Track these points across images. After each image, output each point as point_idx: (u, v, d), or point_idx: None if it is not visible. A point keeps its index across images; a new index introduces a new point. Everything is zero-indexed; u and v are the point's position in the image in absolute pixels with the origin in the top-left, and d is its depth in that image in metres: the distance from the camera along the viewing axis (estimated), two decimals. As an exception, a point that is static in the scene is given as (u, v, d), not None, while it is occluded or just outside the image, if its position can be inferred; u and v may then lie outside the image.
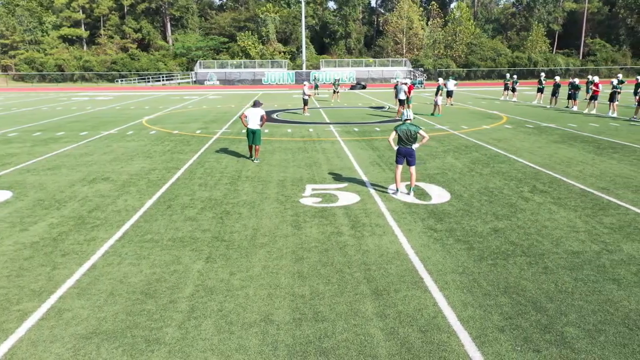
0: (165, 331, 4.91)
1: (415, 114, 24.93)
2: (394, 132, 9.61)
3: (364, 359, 4.43)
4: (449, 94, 29.79)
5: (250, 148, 13.69)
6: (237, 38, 74.02)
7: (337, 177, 11.42)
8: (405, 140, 9.47)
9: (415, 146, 9.54)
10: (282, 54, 73.81)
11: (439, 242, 7.24)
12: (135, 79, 67.43)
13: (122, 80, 67.24)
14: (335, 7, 79.64)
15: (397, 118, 23.08)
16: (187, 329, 4.94)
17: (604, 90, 30.06)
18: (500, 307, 5.33)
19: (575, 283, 5.89)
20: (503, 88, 35.04)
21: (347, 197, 9.69)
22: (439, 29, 74.63)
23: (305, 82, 26.18)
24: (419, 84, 52.35)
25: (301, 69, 66.21)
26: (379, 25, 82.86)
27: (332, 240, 7.39)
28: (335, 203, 9.33)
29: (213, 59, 72.19)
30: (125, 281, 6.05)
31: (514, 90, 33.50)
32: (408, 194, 9.81)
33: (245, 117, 13.37)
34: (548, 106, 28.52)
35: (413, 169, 9.76)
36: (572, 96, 26.67)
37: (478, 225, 7.99)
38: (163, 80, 66.19)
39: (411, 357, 4.46)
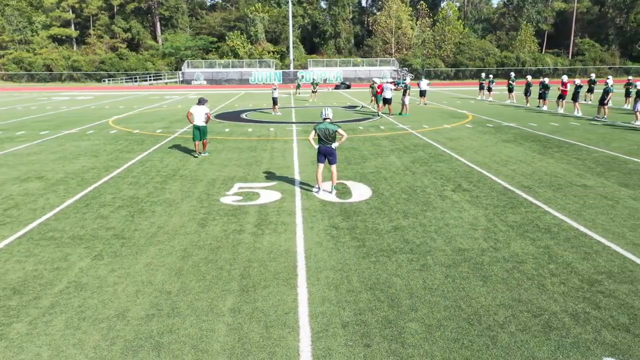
0: (13, 327, 4.96)
1: (384, 113, 25.03)
2: (313, 132, 9.67)
3: (195, 354, 4.49)
4: (422, 93, 29.91)
5: (196, 144, 14.02)
6: (226, 38, 74.06)
7: (271, 176, 11.48)
8: (324, 139, 9.53)
9: (334, 145, 9.60)
10: (271, 53, 73.83)
11: (334, 240, 7.30)
12: (122, 79, 67.43)
13: (109, 80, 67.24)
14: (325, 6, 79.63)
15: (378, 115, 23.19)
16: (36, 325, 4.99)
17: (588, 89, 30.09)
18: (357, 303, 5.39)
19: (445, 280, 5.95)
20: (478, 88, 35.10)
21: (269, 196, 9.75)
22: (428, 28, 74.70)
23: (274, 82, 26.20)
24: (402, 83, 52.33)
25: (289, 69, 66.24)
26: (369, 25, 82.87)
27: (230, 238, 7.45)
28: (254, 201, 9.39)
29: (202, 58, 72.22)
30: (2, 278, 6.10)
31: (489, 90, 33.60)
32: (330, 192, 9.87)
33: (191, 114, 13.73)
34: (526, 105, 28.58)
35: (334, 167, 9.82)
36: (542, 95, 26.75)
37: (382, 223, 8.05)
38: (150, 80, 66.19)
39: (243, 352, 4.52)
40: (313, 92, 34.26)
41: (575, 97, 23.58)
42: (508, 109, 26.95)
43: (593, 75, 30.05)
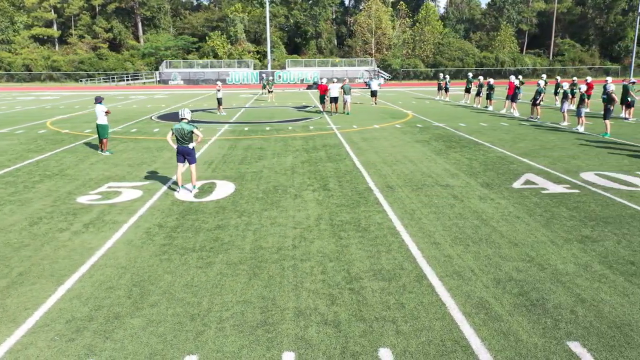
0: None
1: (327, 112, 25.17)
2: (170, 132, 9.81)
3: None
4: (373, 93, 30.05)
5: (99, 142, 14.32)
6: (206, 38, 74.16)
7: (151, 176, 11.59)
8: (181, 140, 9.66)
9: (191, 145, 9.73)
10: (252, 53, 73.91)
11: (145, 239, 7.42)
12: (100, 79, 67.48)
13: (86, 80, 67.29)
14: (307, 7, 79.65)
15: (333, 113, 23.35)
16: None
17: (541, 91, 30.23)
18: (106, 299, 5.52)
19: (215, 276, 6.09)
20: (437, 88, 35.26)
21: (128, 195, 9.88)
22: (408, 29, 74.85)
23: (218, 82, 26.33)
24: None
25: (266, 69, 66.36)
26: (351, 25, 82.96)
27: (48, 236, 7.57)
28: (109, 200, 9.51)
29: (183, 59, 72.29)
30: None
31: (446, 90, 33.78)
32: (190, 191, 9.99)
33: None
34: (475, 105, 28.73)
35: (193, 167, 9.95)
36: (488, 96, 26.90)
37: (211, 222, 8.17)
38: (128, 80, 66.25)
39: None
40: (269, 92, 34.36)
41: (513, 98, 23.71)
42: (454, 109, 27.08)
43: (544, 77, 30.29)
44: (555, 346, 4.55)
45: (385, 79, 65.85)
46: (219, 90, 25.32)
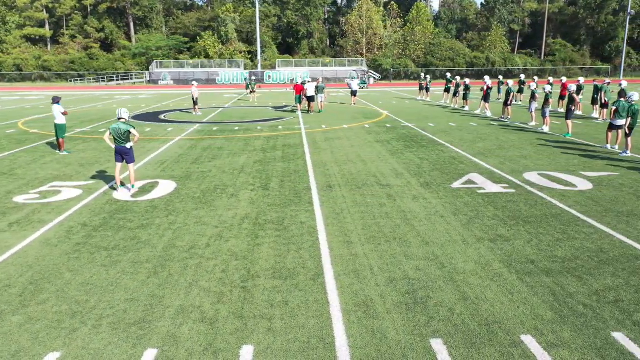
0: None
1: (303, 110, 25.23)
2: (107, 131, 9.86)
3: None
4: (354, 93, 30.11)
5: (57, 142, 14.44)
6: (197, 38, 74.19)
7: (97, 176, 11.65)
8: (118, 139, 9.71)
9: (129, 145, 9.79)
10: (244, 53, 73.93)
11: (54, 239, 7.47)
12: (91, 79, 67.50)
13: (76, 80, 67.32)
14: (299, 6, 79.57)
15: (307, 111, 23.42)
16: None
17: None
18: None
19: (99, 272, 6.15)
20: (418, 88, 35.30)
21: (67, 194, 9.93)
22: (399, 29, 74.91)
23: (194, 82, 26.38)
24: (362, 83, 52.55)
25: (256, 69, 66.42)
26: (343, 25, 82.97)
27: (-32, 235, 7.62)
28: (45, 199, 9.56)
29: (175, 59, 72.28)
30: None
31: (427, 90, 33.85)
32: (129, 190, 10.05)
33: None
34: (453, 105, 28.78)
35: (131, 166, 10.01)
36: (464, 96, 26.97)
37: (135, 221, 8.23)
38: (118, 80, 66.27)
39: None
40: (251, 92, 34.41)
41: (486, 98, 23.77)
42: (431, 110, 27.13)
43: (523, 76, 30.44)
44: (417, 343, 4.61)
45: (375, 79, 65.92)
46: (194, 90, 25.33)
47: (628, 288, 5.67)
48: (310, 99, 25.82)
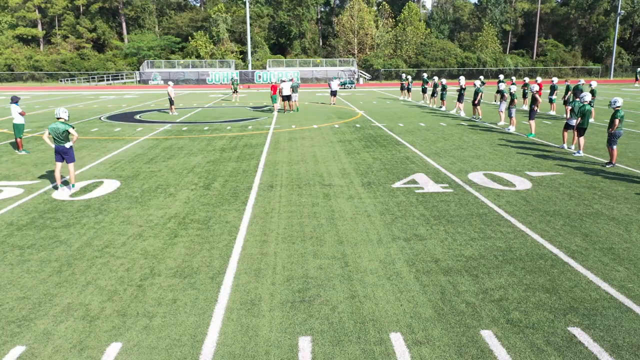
0: None
1: (280, 110, 25.27)
2: (46, 131, 9.91)
3: None
4: (333, 93, 30.15)
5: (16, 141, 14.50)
6: (189, 38, 74.24)
7: (46, 175, 11.69)
8: (57, 139, 9.76)
9: (68, 144, 9.83)
10: (236, 53, 73.96)
11: (-15, 236, 7.52)
12: (81, 79, 67.53)
13: (66, 80, 67.35)
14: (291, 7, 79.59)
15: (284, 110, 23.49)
16: None
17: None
18: None
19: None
20: (400, 88, 35.32)
21: (7, 193, 9.98)
22: (390, 29, 74.97)
23: (170, 82, 26.41)
24: (349, 83, 52.60)
25: (247, 69, 66.48)
26: (335, 25, 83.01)
27: None
28: (-17, 199, 9.60)
29: (167, 59, 72.29)
30: None
31: (409, 90, 33.90)
32: (69, 190, 10.09)
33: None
34: (431, 105, 28.83)
35: (71, 166, 10.05)
36: (441, 97, 27.01)
37: (62, 220, 8.28)
38: (109, 80, 66.31)
39: None
40: (234, 92, 34.44)
41: (460, 99, 23.82)
42: (407, 110, 27.16)
43: (501, 76, 30.46)
44: (285, 341, 4.66)
45: (365, 79, 66.01)
46: (170, 90, 25.36)
47: (517, 287, 5.72)
48: (287, 98, 25.92)
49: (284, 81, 26.23)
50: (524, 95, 26.99)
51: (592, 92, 20.28)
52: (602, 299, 5.40)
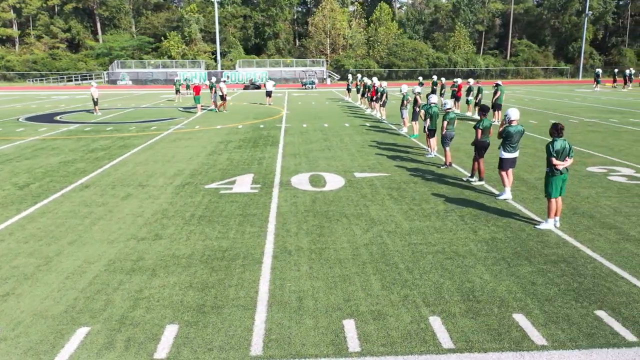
0: None
1: (211, 110, 25.41)
2: None
3: None
4: (268, 94, 30.33)
5: None
6: (162, 38, 74.33)
7: None
8: None
9: None
10: (209, 54, 74.09)
11: None
12: (50, 79, 67.61)
13: (34, 80, 67.49)
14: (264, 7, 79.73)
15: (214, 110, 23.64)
16: None
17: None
18: None
19: None
20: (346, 89, 35.44)
21: None
22: (362, 29, 75.16)
23: (93, 83, 26.53)
24: (310, 84, 52.71)
25: (216, 69, 66.63)
26: (309, 25, 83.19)
27: None
28: None
29: (140, 59, 72.38)
30: None
31: (349, 90, 34.11)
32: None
33: None
34: (361, 106, 28.99)
35: None
36: (363, 95, 27.21)
37: None
38: (78, 80, 66.41)
39: None
40: (176, 92, 34.53)
41: (375, 99, 23.95)
42: (337, 110, 27.27)
43: (435, 78, 30.71)
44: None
45: (333, 79, 66.18)
46: (94, 90, 25.46)
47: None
48: (222, 99, 26.41)
49: (223, 81, 26.65)
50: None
51: (497, 91, 20.36)
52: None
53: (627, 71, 43.77)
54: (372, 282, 5.88)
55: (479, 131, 10.06)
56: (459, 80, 25.78)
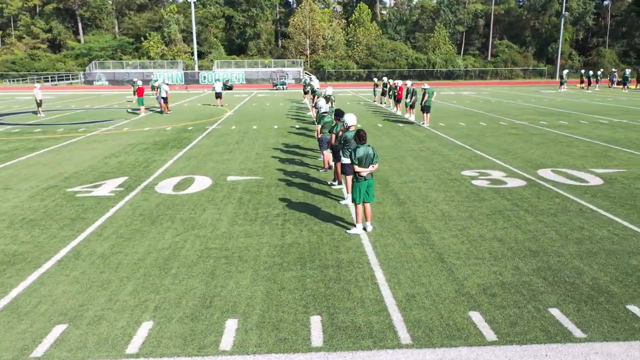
0: None
1: (158, 112, 25.51)
2: None
3: None
4: (218, 95, 30.46)
5: None
6: (142, 39, 74.45)
7: None
8: None
9: None
10: (188, 54, 74.19)
11: None
12: (27, 79, 67.71)
13: (11, 81, 67.63)
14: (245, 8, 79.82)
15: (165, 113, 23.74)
16: None
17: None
18: None
19: None
20: (302, 91, 35.53)
21: None
22: (342, 30, 75.30)
23: (36, 84, 26.62)
24: (281, 84, 52.79)
25: (193, 70, 66.78)
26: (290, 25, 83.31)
27: None
28: None
29: (120, 59, 72.45)
30: None
31: (305, 92, 34.25)
32: None
33: None
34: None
35: None
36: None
37: None
38: (55, 80, 66.49)
39: None
40: (134, 94, 34.60)
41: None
42: (285, 112, 27.40)
43: (385, 79, 30.88)
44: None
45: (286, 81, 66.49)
46: (38, 91, 25.54)
47: None
48: (164, 100, 26.36)
49: (165, 83, 26.71)
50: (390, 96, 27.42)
51: (425, 94, 20.55)
52: None
53: (591, 72, 44.00)
54: (127, 286, 6.00)
55: (333, 135, 10.20)
56: (399, 82, 25.99)
